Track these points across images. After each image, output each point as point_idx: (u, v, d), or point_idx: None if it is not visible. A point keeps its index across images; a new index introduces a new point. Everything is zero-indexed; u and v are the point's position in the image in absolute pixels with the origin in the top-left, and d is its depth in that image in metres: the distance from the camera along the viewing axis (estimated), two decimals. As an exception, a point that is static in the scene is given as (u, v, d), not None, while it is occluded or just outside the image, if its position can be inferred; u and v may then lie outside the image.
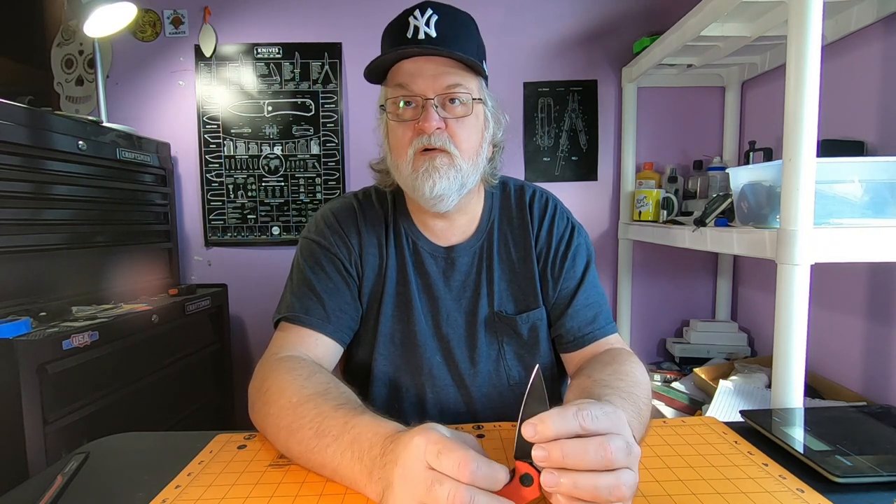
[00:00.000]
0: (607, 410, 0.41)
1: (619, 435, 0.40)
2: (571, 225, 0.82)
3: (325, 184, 1.87)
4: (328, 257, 0.76)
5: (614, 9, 1.81)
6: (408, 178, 0.70)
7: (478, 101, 0.72)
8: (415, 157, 0.69)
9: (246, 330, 1.93)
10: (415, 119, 0.69)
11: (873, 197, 0.88)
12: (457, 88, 0.69)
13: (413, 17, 0.69)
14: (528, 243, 0.80)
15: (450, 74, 0.68)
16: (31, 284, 1.20)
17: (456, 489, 0.37)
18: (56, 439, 1.05)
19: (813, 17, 0.79)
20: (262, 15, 1.83)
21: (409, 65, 0.69)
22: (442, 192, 0.69)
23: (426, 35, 0.68)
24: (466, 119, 0.70)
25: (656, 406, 1.39)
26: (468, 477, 0.37)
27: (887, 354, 1.14)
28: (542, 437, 0.39)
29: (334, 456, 0.49)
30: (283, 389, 0.58)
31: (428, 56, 0.68)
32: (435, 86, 0.68)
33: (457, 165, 0.69)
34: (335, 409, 0.53)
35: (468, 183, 0.72)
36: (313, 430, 0.52)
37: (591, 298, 0.78)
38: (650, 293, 1.90)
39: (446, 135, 0.69)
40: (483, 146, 0.74)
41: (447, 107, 0.69)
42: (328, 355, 0.72)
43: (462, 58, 0.68)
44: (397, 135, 0.71)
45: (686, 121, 1.84)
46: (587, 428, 0.39)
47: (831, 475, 0.49)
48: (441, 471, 0.38)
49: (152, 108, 1.86)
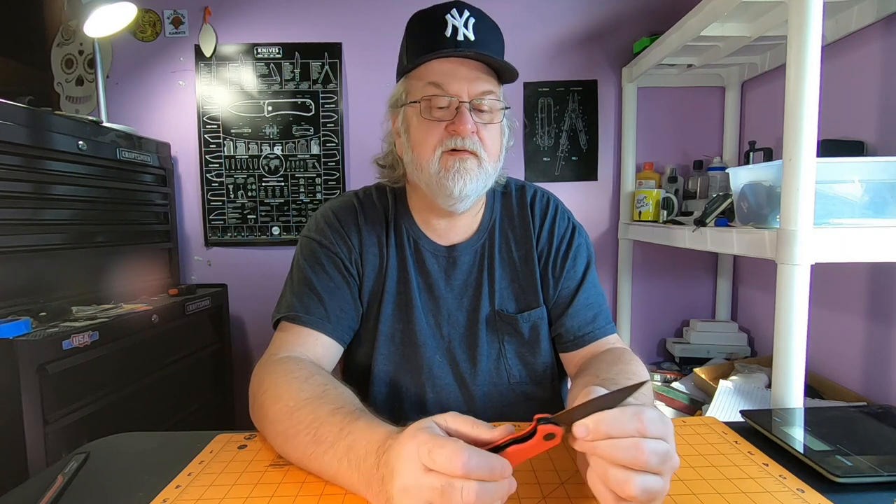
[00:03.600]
0: (662, 417, 0.42)
1: (663, 440, 0.40)
2: (572, 225, 0.83)
3: (325, 184, 1.87)
4: (328, 256, 0.76)
5: (614, 9, 1.81)
6: (433, 176, 0.70)
7: (506, 109, 0.73)
8: (443, 156, 0.69)
9: (246, 330, 1.93)
10: (445, 119, 0.69)
11: (873, 197, 0.88)
12: (489, 95, 0.70)
13: (450, 15, 0.68)
14: (530, 243, 0.80)
15: (483, 80, 0.70)
16: (31, 284, 1.20)
17: (469, 488, 0.37)
18: (56, 439, 1.04)
19: (813, 17, 0.79)
20: (262, 15, 1.83)
21: (445, 65, 0.69)
22: (468, 192, 0.70)
23: (465, 37, 0.68)
24: (494, 126, 0.72)
25: (656, 406, 1.40)
26: (461, 468, 0.37)
27: (887, 354, 1.14)
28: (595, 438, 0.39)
29: (331, 463, 0.49)
30: (280, 393, 0.58)
31: (463, 59, 0.69)
32: (470, 89, 0.69)
33: (484, 168, 0.71)
34: (331, 414, 0.52)
35: (488, 186, 0.74)
36: (310, 437, 0.51)
37: (591, 298, 0.79)
38: (650, 293, 1.90)
39: (477, 138, 0.70)
40: (503, 151, 0.76)
41: (478, 112, 0.70)
42: (328, 355, 0.72)
43: (506, 64, 0.69)
44: (424, 132, 0.70)
45: (686, 121, 1.84)
46: (645, 433, 0.39)
47: (831, 475, 0.49)
48: (437, 469, 0.38)
49: (152, 108, 1.86)
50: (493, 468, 0.38)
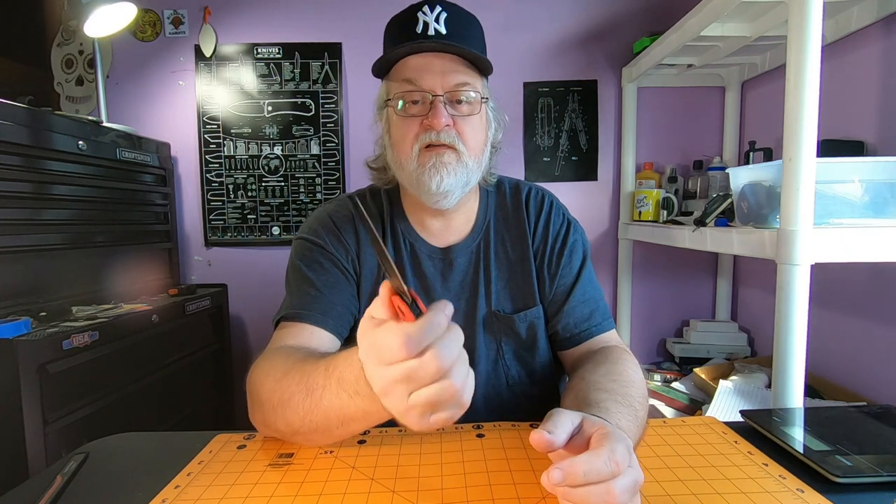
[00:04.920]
0: (627, 442, 0.41)
1: (631, 470, 0.40)
2: (568, 221, 0.82)
3: (325, 184, 1.87)
4: (324, 254, 0.76)
5: (614, 9, 1.81)
6: (412, 173, 0.70)
7: (484, 100, 0.72)
8: (420, 152, 0.69)
9: (246, 330, 1.93)
10: (421, 115, 0.69)
11: (873, 197, 0.87)
12: (465, 87, 0.69)
13: (422, 12, 0.68)
14: (525, 241, 0.80)
15: (458, 73, 0.69)
16: (31, 284, 1.20)
17: (427, 362, 0.38)
18: (56, 439, 1.04)
19: (813, 17, 0.79)
20: (262, 15, 1.83)
21: (418, 60, 0.69)
22: (448, 188, 0.69)
23: (436, 31, 0.68)
24: (473, 117, 0.71)
25: (656, 406, 1.39)
26: (406, 352, 0.38)
27: (887, 354, 1.14)
28: (572, 483, 0.38)
29: (332, 402, 0.49)
30: (268, 372, 0.58)
31: (436, 53, 0.68)
32: (444, 83, 0.68)
33: (463, 162, 0.70)
34: (315, 364, 0.52)
35: (472, 181, 0.72)
36: (303, 393, 0.51)
37: (587, 294, 0.78)
38: (650, 293, 1.90)
39: (454, 132, 0.69)
40: (486, 145, 0.75)
41: (455, 105, 0.69)
42: (324, 346, 0.71)
43: (475, 55, 0.68)
44: (402, 129, 0.70)
45: (686, 121, 1.84)
46: (618, 473, 0.39)
47: (831, 475, 0.49)
48: (392, 361, 0.39)
49: (152, 108, 1.86)
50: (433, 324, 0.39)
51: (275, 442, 0.60)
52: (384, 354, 0.39)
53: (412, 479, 0.51)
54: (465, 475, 0.52)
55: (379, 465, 0.54)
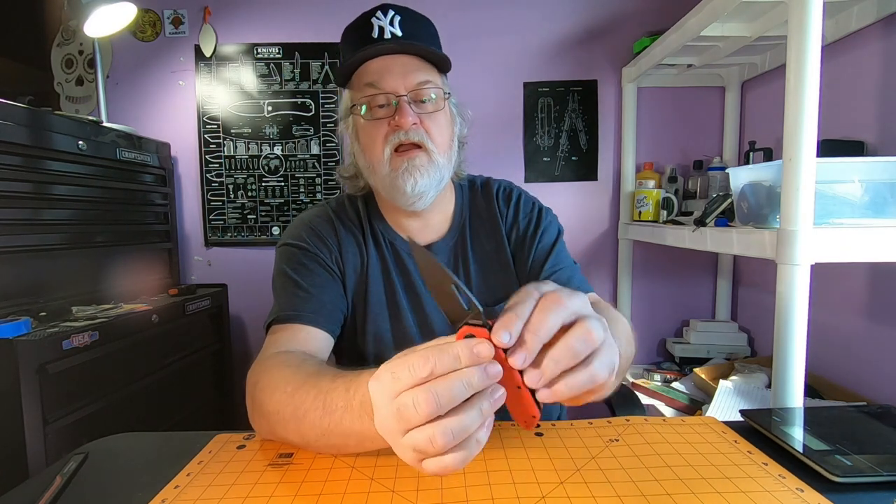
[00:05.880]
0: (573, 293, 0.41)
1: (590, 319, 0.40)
2: (538, 207, 0.85)
3: (325, 184, 1.87)
4: (308, 256, 0.76)
5: (614, 9, 1.81)
6: (385, 177, 0.71)
7: (447, 96, 0.73)
8: (392, 156, 0.70)
9: (246, 330, 1.93)
10: (387, 117, 0.69)
11: (873, 197, 0.87)
12: (427, 85, 0.70)
13: (376, 17, 0.69)
14: (499, 231, 0.82)
15: (419, 71, 0.70)
16: (31, 284, 1.20)
17: (415, 395, 0.36)
18: (56, 439, 1.04)
19: (813, 17, 0.79)
20: (262, 15, 1.83)
21: (378, 63, 0.70)
22: (422, 189, 0.70)
23: (392, 34, 0.69)
24: (438, 114, 0.72)
25: (656, 406, 1.39)
26: (427, 373, 0.36)
27: (887, 354, 1.14)
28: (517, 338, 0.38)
29: (353, 425, 0.47)
30: (276, 384, 0.58)
31: (395, 54, 0.69)
32: (406, 83, 0.69)
33: (434, 161, 0.71)
34: (333, 382, 0.51)
35: (444, 178, 0.74)
36: (319, 410, 0.50)
37: (562, 263, 0.79)
38: (650, 293, 1.90)
39: (422, 130, 0.70)
40: (454, 140, 0.76)
41: (419, 104, 0.70)
42: (320, 347, 0.72)
43: (433, 52, 0.69)
44: (370, 133, 0.71)
45: (686, 121, 1.84)
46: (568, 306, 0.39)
47: (831, 475, 0.49)
48: (406, 386, 0.37)
49: (152, 108, 1.86)
50: (447, 354, 0.36)
51: (275, 442, 0.60)
52: (399, 373, 0.38)
53: (412, 478, 0.51)
54: (464, 475, 0.52)
55: (378, 464, 0.54)
